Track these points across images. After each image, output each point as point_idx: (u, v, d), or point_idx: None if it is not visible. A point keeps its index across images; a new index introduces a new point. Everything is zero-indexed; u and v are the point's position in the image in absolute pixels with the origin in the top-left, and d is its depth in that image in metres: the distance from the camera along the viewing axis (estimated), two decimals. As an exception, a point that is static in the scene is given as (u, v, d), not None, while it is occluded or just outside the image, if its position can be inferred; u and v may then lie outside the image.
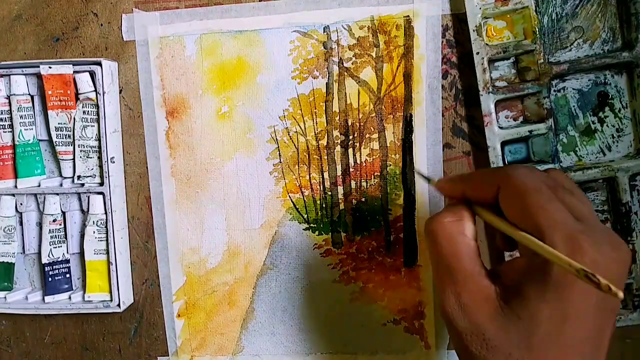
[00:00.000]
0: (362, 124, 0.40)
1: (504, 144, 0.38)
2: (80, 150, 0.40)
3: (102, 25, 0.41)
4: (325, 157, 0.41)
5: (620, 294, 0.19)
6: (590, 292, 0.22)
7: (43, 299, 0.42)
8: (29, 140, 0.41)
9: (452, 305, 0.25)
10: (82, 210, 0.42)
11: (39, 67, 0.39)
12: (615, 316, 0.24)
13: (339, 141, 0.41)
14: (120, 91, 0.42)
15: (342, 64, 0.40)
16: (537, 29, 0.36)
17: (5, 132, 0.41)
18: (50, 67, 0.39)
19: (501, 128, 0.37)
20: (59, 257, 0.42)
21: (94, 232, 0.41)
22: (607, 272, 0.22)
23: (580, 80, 0.38)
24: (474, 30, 0.36)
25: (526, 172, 0.25)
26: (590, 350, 0.23)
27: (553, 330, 0.22)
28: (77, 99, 0.40)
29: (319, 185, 0.41)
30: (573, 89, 0.38)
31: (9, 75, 0.40)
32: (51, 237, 0.41)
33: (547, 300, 0.22)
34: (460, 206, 0.27)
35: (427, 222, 0.27)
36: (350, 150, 0.40)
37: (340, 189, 0.41)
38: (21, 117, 0.40)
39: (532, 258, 0.24)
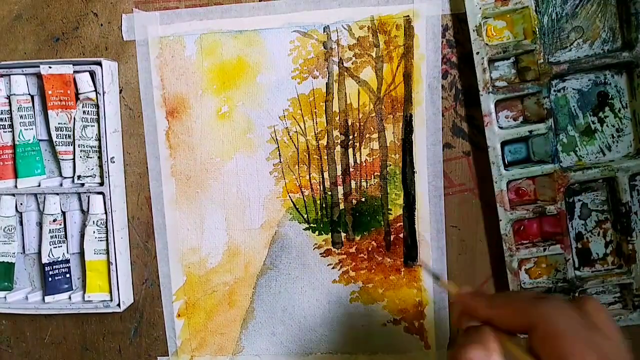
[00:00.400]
0: (362, 124, 0.40)
1: (504, 143, 0.38)
2: (80, 150, 0.40)
3: (102, 25, 0.41)
4: (325, 157, 0.41)
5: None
6: None
7: (43, 299, 0.42)
8: (29, 140, 0.41)
9: None
10: (82, 210, 0.42)
11: (39, 67, 0.39)
12: None
13: (339, 141, 0.41)
14: (120, 91, 0.42)
15: (342, 64, 0.40)
16: (537, 29, 0.36)
17: (5, 132, 0.41)
18: (50, 67, 0.39)
19: (501, 128, 0.37)
20: (59, 257, 0.42)
21: (94, 232, 0.41)
22: None
23: (580, 80, 0.38)
24: (474, 30, 0.36)
25: (562, 310, 0.24)
26: None
27: None
28: (77, 99, 0.40)
29: (319, 185, 0.41)
30: (573, 89, 0.38)
31: (9, 75, 0.40)
32: (51, 237, 0.41)
33: None
34: (487, 334, 0.25)
35: (452, 353, 0.25)
36: (350, 150, 0.40)
37: (340, 189, 0.41)
38: (21, 117, 0.40)
39: None
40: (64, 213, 0.42)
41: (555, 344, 0.23)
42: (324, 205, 0.41)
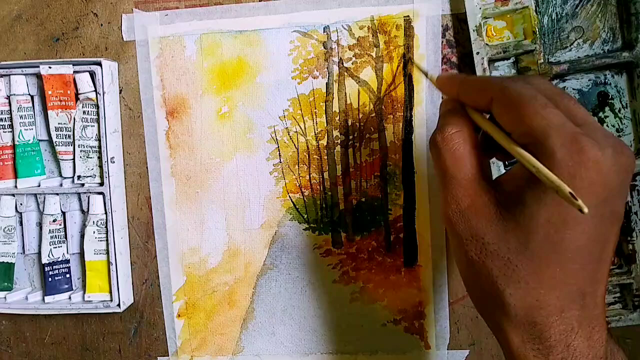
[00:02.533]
0: (362, 124, 0.40)
1: (504, 144, 0.38)
2: (80, 150, 0.40)
3: (102, 25, 0.41)
4: (325, 157, 0.41)
5: (586, 210, 0.19)
6: (590, 197, 0.21)
7: (43, 299, 0.42)
8: (29, 140, 0.41)
9: (453, 210, 0.25)
10: (82, 210, 0.42)
11: (39, 67, 0.39)
12: (619, 228, 0.24)
13: (339, 141, 0.41)
14: (120, 91, 0.42)
15: (342, 64, 0.40)
16: (537, 29, 0.36)
17: (5, 132, 0.41)
18: (50, 67, 0.39)
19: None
20: (59, 257, 0.42)
21: (94, 232, 0.41)
22: (609, 175, 0.21)
23: (580, 80, 0.38)
24: (474, 30, 0.36)
25: (522, 83, 0.24)
26: (590, 260, 0.23)
27: (551, 236, 0.22)
28: (77, 99, 0.40)
29: (319, 185, 0.41)
30: (573, 89, 0.38)
31: (9, 75, 0.40)
32: (51, 237, 0.41)
33: (546, 204, 0.22)
34: (459, 115, 0.26)
35: (432, 136, 0.26)
36: (350, 150, 0.40)
37: (340, 189, 0.41)
38: (21, 117, 0.40)
39: None
40: (64, 213, 0.42)
41: (517, 108, 0.23)
42: (324, 206, 0.41)
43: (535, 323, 0.23)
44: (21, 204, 0.42)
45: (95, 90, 0.40)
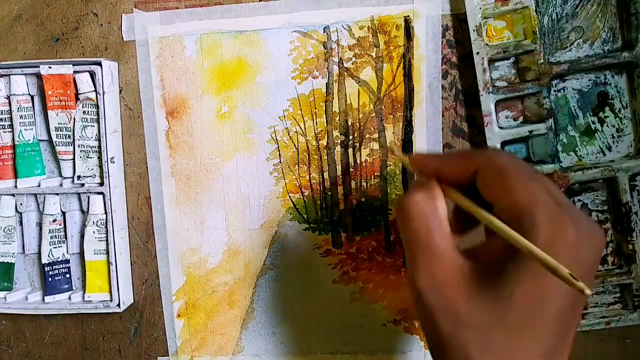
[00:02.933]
0: (362, 124, 0.40)
1: (504, 144, 0.38)
2: (80, 150, 0.40)
3: (102, 25, 0.41)
4: (325, 157, 0.41)
5: (588, 292, 0.19)
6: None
7: (43, 299, 0.42)
8: (29, 140, 0.41)
9: (425, 282, 0.24)
10: (82, 210, 0.42)
11: (39, 67, 0.39)
12: (584, 300, 0.24)
13: (339, 141, 0.41)
14: (120, 91, 0.42)
15: (342, 64, 0.40)
16: (537, 29, 0.36)
17: (5, 132, 0.41)
18: (50, 67, 0.39)
19: (501, 128, 0.37)
20: (59, 257, 0.42)
21: (94, 232, 0.41)
22: (584, 254, 0.22)
23: (580, 80, 0.38)
24: (474, 30, 0.36)
25: (506, 154, 0.25)
26: (562, 328, 0.23)
27: (528, 310, 0.22)
28: (77, 99, 0.40)
29: (319, 185, 0.41)
30: (573, 89, 0.38)
31: (9, 75, 0.40)
32: (51, 237, 0.41)
33: (525, 280, 0.22)
34: (431, 184, 0.26)
35: (398, 200, 0.26)
36: (350, 150, 0.40)
37: (340, 189, 0.41)
38: (21, 117, 0.40)
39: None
40: (63, 213, 0.42)
41: (503, 179, 0.23)
42: (324, 206, 0.41)
43: None
44: (21, 204, 0.42)
45: (95, 90, 0.40)
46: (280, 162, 0.41)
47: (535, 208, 0.22)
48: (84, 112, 0.40)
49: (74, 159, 0.41)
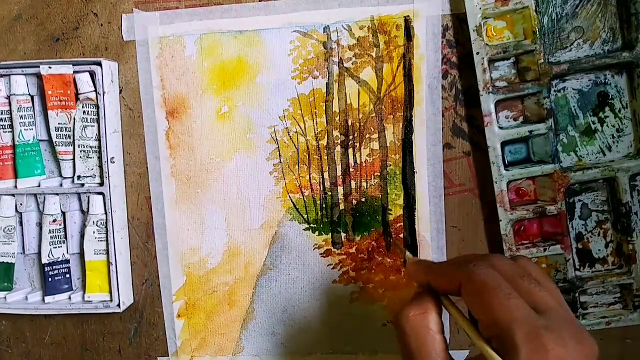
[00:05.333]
0: (362, 124, 0.40)
1: (504, 144, 0.38)
2: (80, 150, 0.40)
3: (102, 25, 0.41)
4: (325, 157, 0.41)
5: None
6: None
7: (43, 299, 0.42)
8: (29, 140, 0.41)
9: None
10: (82, 210, 0.42)
11: (39, 67, 0.39)
12: None
13: (339, 141, 0.41)
14: (120, 91, 0.42)
15: (342, 64, 0.40)
16: (537, 29, 0.36)
17: (5, 132, 0.41)
18: (50, 67, 0.39)
19: (501, 128, 0.37)
20: (59, 257, 0.42)
21: (94, 232, 0.41)
22: None
23: (580, 80, 0.38)
24: (474, 30, 0.36)
25: (486, 269, 0.25)
26: None
27: None
28: (77, 99, 0.40)
29: (319, 185, 0.41)
30: (573, 89, 0.38)
31: (9, 75, 0.40)
32: (51, 237, 0.41)
33: None
34: (426, 297, 0.27)
35: (394, 314, 0.27)
36: (350, 150, 0.40)
37: (340, 189, 0.41)
38: (21, 117, 0.40)
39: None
40: (63, 213, 0.42)
41: (481, 298, 0.24)
42: (324, 206, 0.41)
43: None
44: (21, 204, 0.42)
45: (95, 90, 0.40)
46: (280, 162, 0.41)
47: (513, 327, 0.22)
48: (84, 112, 0.40)
49: (74, 159, 0.41)
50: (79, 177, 0.40)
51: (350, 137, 0.40)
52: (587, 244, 0.39)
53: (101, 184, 0.41)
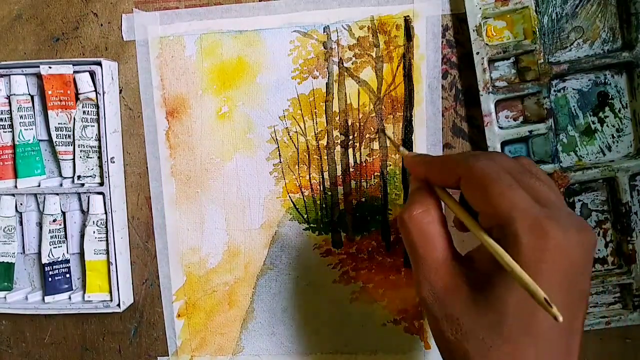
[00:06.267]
0: (362, 124, 0.40)
1: (504, 144, 0.38)
2: (80, 150, 0.40)
3: (102, 25, 0.41)
4: (325, 157, 0.41)
5: (560, 319, 0.19)
6: (556, 279, 0.22)
7: (43, 299, 0.42)
8: (29, 140, 0.41)
9: (426, 293, 0.25)
10: (82, 210, 0.42)
11: (39, 67, 0.39)
12: (587, 301, 0.24)
13: (339, 141, 0.41)
14: (120, 91, 0.42)
15: (342, 64, 0.40)
16: (537, 29, 0.36)
17: (5, 132, 0.41)
18: (50, 67, 0.39)
19: (501, 128, 0.37)
20: (59, 257, 0.42)
21: (94, 232, 0.41)
22: (573, 256, 0.22)
23: (580, 80, 0.38)
24: (474, 30, 0.36)
25: (487, 161, 0.25)
26: (562, 335, 0.23)
27: (523, 318, 0.22)
28: (77, 99, 0.40)
29: (319, 185, 0.41)
30: (573, 89, 0.38)
31: (9, 75, 0.40)
32: (51, 237, 0.41)
33: (516, 288, 0.22)
34: (426, 195, 0.27)
35: (398, 214, 0.27)
36: (350, 150, 0.40)
37: (340, 189, 0.41)
38: (21, 117, 0.40)
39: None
40: (64, 213, 0.42)
41: (483, 189, 0.24)
42: (324, 206, 0.41)
43: None
44: (21, 204, 0.42)
45: (95, 90, 0.40)
46: (280, 162, 0.41)
47: (514, 217, 0.22)
48: (84, 112, 0.40)
49: (74, 159, 0.41)
50: (79, 177, 0.40)
51: (350, 137, 0.40)
52: (587, 244, 0.39)
53: (101, 184, 0.41)
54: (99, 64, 0.39)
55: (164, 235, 0.42)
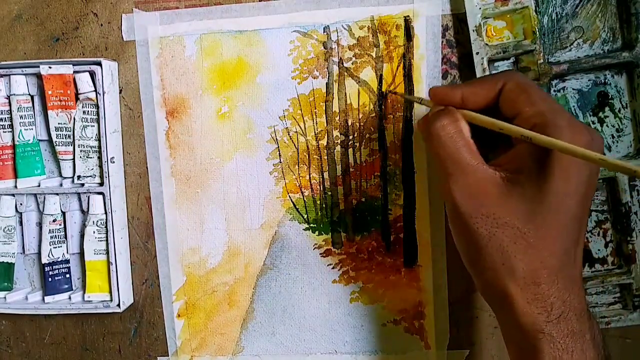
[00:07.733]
0: (362, 124, 0.40)
1: (504, 144, 0.38)
2: (80, 150, 0.40)
3: (102, 25, 0.41)
4: (325, 157, 0.41)
5: None
6: (584, 169, 0.26)
7: (43, 299, 0.42)
8: (29, 140, 0.41)
9: (461, 193, 0.28)
10: (82, 210, 0.42)
11: (39, 67, 0.39)
12: (594, 191, 0.29)
13: (339, 141, 0.41)
14: (120, 91, 0.42)
15: (342, 64, 0.40)
16: (537, 29, 0.36)
17: (5, 132, 0.41)
18: (50, 67, 0.39)
19: (501, 128, 0.37)
20: (58, 257, 0.42)
21: (94, 232, 0.41)
22: (598, 151, 0.25)
23: (580, 80, 0.38)
24: (473, 30, 0.36)
25: (523, 75, 0.29)
26: (579, 223, 0.27)
27: (556, 205, 0.26)
28: (77, 99, 0.40)
29: (319, 185, 0.41)
30: (573, 89, 0.38)
31: (9, 75, 0.40)
32: (51, 237, 0.41)
33: (551, 177, 0.25)
34: (452, 110, 0.29)
35: (424, 126, 0.29)
36: (350, 150, 0.40)
37: (340, 189, 0.41)
38: (21, 117, 0.40)
39: (532, 144, 0.27)
40: (63, 213, 0.42)
41: (528, 92, 0.27)
42: (324, 206, 0.41)
43: (540, 283, 0.26)
44: (21, 204, 0.42)
45: (95, 90, 0.40)
46: (280, 162, 0.41)
47: (557, 115, 0.26)
48: (84, 112, 0.40)
49: (74, 159, 0.41)
50: (79, 177, 0.40)
51: (350, 137, 0.40)
52: (586, 244, 0.39)
53: (101, 184, 0.41)
54: (99, 64, 0.39)
55: (164, 235, 0.42)
